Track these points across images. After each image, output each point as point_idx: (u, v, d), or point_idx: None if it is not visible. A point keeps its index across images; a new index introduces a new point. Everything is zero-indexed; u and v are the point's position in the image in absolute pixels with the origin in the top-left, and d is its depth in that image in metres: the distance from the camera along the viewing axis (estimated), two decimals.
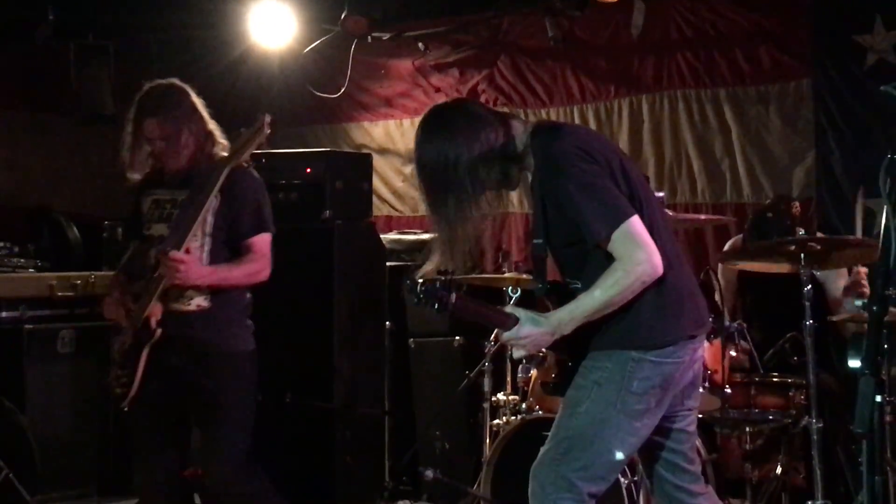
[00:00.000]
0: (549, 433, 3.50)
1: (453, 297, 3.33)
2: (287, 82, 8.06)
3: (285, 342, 5.73)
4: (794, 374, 5.11)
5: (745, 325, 5.23)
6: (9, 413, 6.10)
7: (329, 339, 5.95)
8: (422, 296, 3.33)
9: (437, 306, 3.32)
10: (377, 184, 7.40)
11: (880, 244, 2.29)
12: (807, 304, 4.64)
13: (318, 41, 7.68)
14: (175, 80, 4.58)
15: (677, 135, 6.85)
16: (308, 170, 6.16)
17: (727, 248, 5.88)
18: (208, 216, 4.40)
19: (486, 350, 5.65)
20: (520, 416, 5.39)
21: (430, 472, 5.51)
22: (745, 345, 5.18)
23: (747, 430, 5.23)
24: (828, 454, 4.68)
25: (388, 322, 6.42)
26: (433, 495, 6.22)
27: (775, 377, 5.18)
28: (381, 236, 6.64)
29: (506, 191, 3.65)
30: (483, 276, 5.78)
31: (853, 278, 5.33)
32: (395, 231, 7.34)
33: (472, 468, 6.02)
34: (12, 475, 5.66)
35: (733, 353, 5.14)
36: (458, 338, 6.37)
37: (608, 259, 3.34)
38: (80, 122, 7.90)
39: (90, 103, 7.58)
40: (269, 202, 4.59)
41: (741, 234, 5.86)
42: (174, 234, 4.35)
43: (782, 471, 5.19)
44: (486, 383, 5.66)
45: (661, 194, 4.83)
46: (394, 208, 7.91)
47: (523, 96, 7.47)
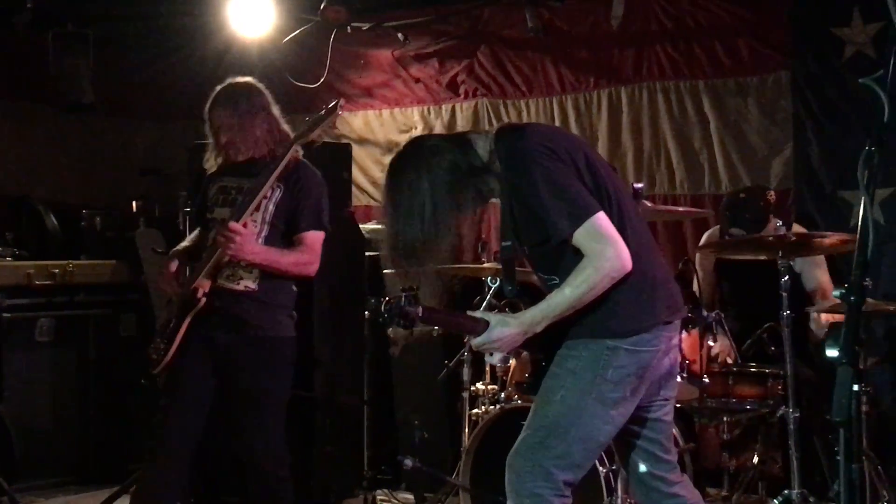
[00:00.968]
0: (525, 422, 3.52)
1: (419, 310, 3.35)
2: (266, 71, 7.96)
3: None
4: (771, 364, 5.15)
5: (722, 315, 5.26)
6: None
7: (309, 328, 5.94)
8: (386, 315, 3.35)
9: (402, 323, 3.34)
10: (356, 173, 7.39)
11: (858, 235, 2.30)
12: (784, 295, 4.68)
13: (298, 31, 7.64)
14: (252, 80, 4.79)
15: (656, 126, 6.84)
16: None
17: (704, 239, 5.89)
18: (270, 205, 4.56)
19: (465, 340, 5.66)
20: (499, 406, 5.41)
21: (409, 461, 5.51)
22: (726, 341, 5.21)
23: (725, 419, 5.26)
24: (804, 444, 4.70)
25: (367, 311, 6.42)
26: (412, 484, 6.24)
27: (753, 367, 5.21)
28: (361, 226, 6.65)
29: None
30: (462, 266, 5.78)
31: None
32: (374, 221, 7.31)
33: (451, 457, 6.03)
34: None
35: (717, 349, 5.17)
36: (437, 328, 6.38)
37: (580, 254, 3.36)
38: (58, 110, 7.88)
39: (69, 91, 7.55)
40: (328, 202, 4.73)
41: (718, 226, 5.87)
42: (235, 212, 4.49)
43: (759, 460, 5.23)
44: (466, 373, 5.68)
45: (639, 185, 4.82)
46: (373, 198, 7.88)
47: (503, 87, 7.45)
